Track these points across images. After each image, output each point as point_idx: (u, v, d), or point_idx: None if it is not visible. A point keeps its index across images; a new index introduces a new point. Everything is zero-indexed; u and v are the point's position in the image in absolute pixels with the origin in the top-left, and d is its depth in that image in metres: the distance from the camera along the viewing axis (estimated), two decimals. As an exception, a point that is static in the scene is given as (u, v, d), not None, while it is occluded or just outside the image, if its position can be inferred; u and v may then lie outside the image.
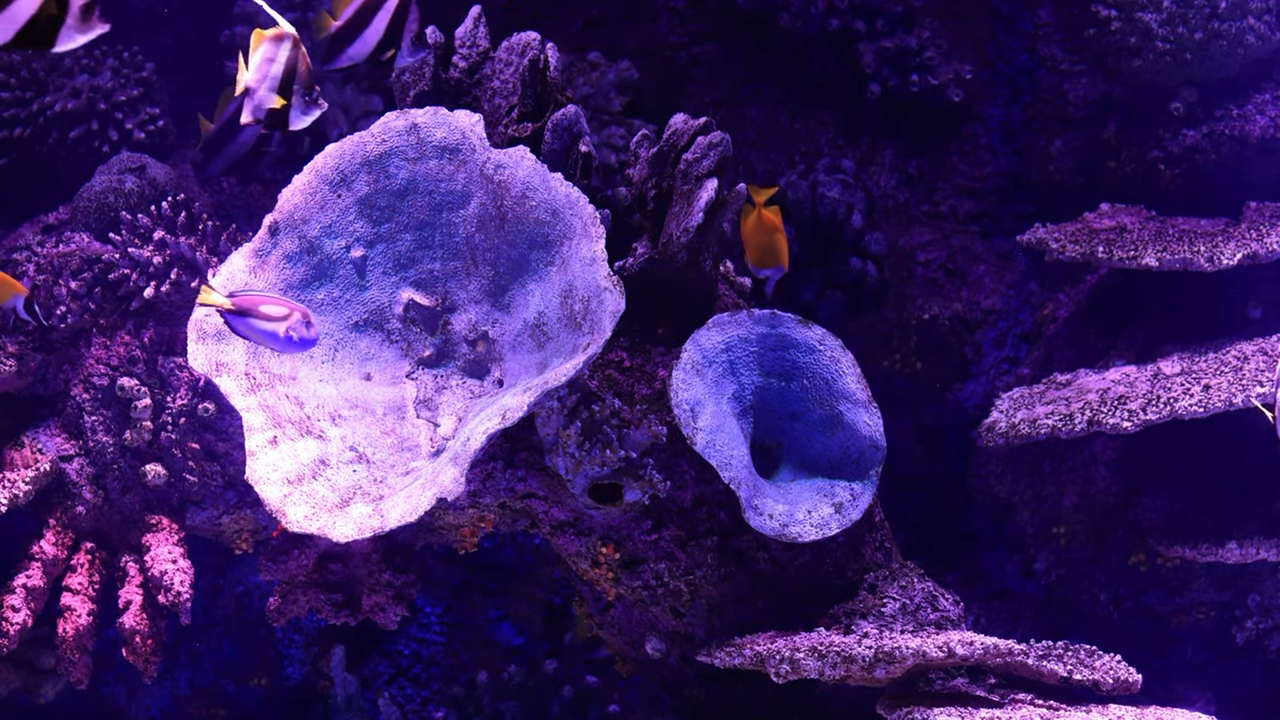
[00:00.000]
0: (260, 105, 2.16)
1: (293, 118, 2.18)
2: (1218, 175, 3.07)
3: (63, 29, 1.89)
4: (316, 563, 2.61)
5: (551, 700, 2.74)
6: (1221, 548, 2.74)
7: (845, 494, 2.48)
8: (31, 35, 1.88)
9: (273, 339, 2.26)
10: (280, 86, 2.17)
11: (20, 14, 1.87)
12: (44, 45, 1.90)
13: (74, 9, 1.88)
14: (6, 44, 1.89)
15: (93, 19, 1.89)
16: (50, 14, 1.87)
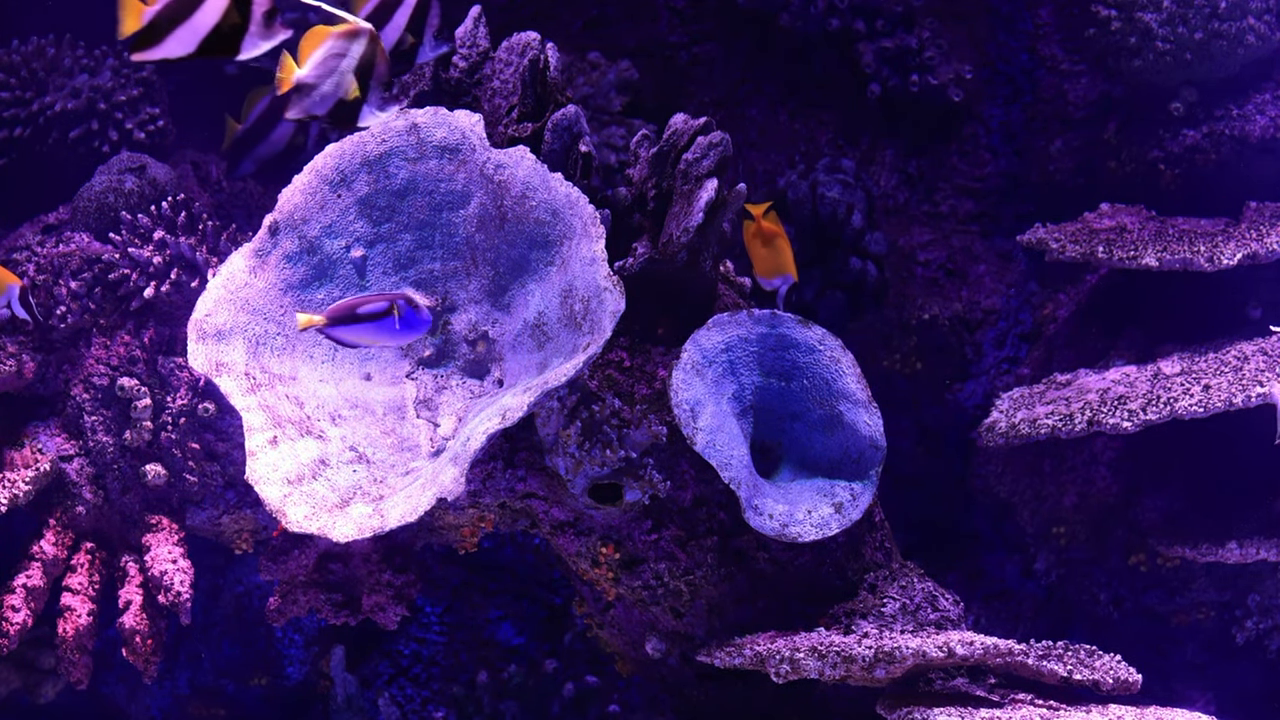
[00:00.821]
0: (323, 100, 2.08)
1: (364, 113, 2.10)
2: (1218, 175, 3.07)
3: (246, 37, 1.88)
4: (316, 563, 2.61)
5: (551, 700, 2.74)
6: (1221, 548, 2.74)
7: (845, 494, 2.48)
8: (215, 43, 1.87)
9: (387, 333, 2.21)
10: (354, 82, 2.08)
11: (204, 23, 1.87)
12: (229, 53, 1.89)
13: (257, 16, 1.87)
14: (192, 54, 1.88)
15: (275, 25, 1.88)
16: (233, 22, 1.87)
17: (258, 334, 2.45)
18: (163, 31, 1.88)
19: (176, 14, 1.88)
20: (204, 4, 1.87)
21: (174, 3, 1.87)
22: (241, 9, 1.88)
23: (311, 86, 2.07)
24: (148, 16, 1.88)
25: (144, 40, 1.88)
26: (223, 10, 1.87)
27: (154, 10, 1.88)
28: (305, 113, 2.08)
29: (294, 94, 2.07)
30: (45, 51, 2.98)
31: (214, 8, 1.87)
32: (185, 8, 1.88)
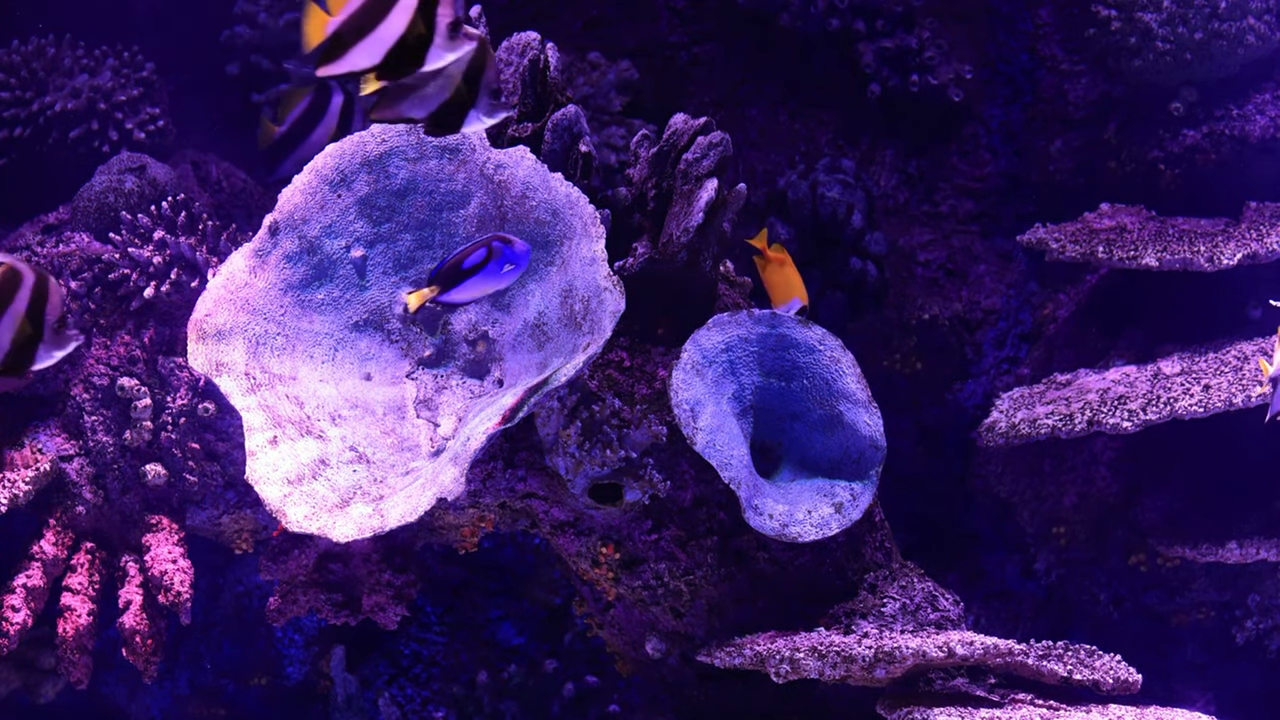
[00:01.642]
0: (424, 102, 1.99)
1: (471, 118, 2.02)
2: (1218, 175, 3.07)
3: (431, 48, 1.86)
4: (316, 563, 2.61)
5: (551, 700, 2.74)
6: (1221, 548, 2.74)
7: (845, 494, 2.48)
8: (401, 55, 1.85)
9: (495, 278, 2.15)
10: (461, 85, 1.99)
11: (390, 34, 1.84)
12: (413, 65, 1.85)
13: (441, 27, 1.85)
14: (376, 66, 1.85)
15: (460, 36, 1.86)
16: (419, 33, 1.85)
17: (258, 334, 2.45)
18: (348, 44, 1.85)
19: (361, 26, 1.84)
20: (389, 16, 1.84)
21: (358, 14, 1.84)
22: (426, 19, 1.85)
23: (410, 88, 2.00)
24: (332, 28, 1.84)
25: (329, 53, 1.85)
26: (408, 21, 1.84)
27: (338, 21, 1.84)
28: (400, 116, 2.02)
29: (387, 93, 1.99)
30: (45, 51, 2.98)
31: (399, 19, 1.84)
32: (370, 19, 1.84)
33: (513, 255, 2.15)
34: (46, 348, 1.95)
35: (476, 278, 2.16)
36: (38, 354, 1.95)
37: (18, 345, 1.94)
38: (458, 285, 2.16)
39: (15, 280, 1.93)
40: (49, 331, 1.95)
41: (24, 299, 1.93)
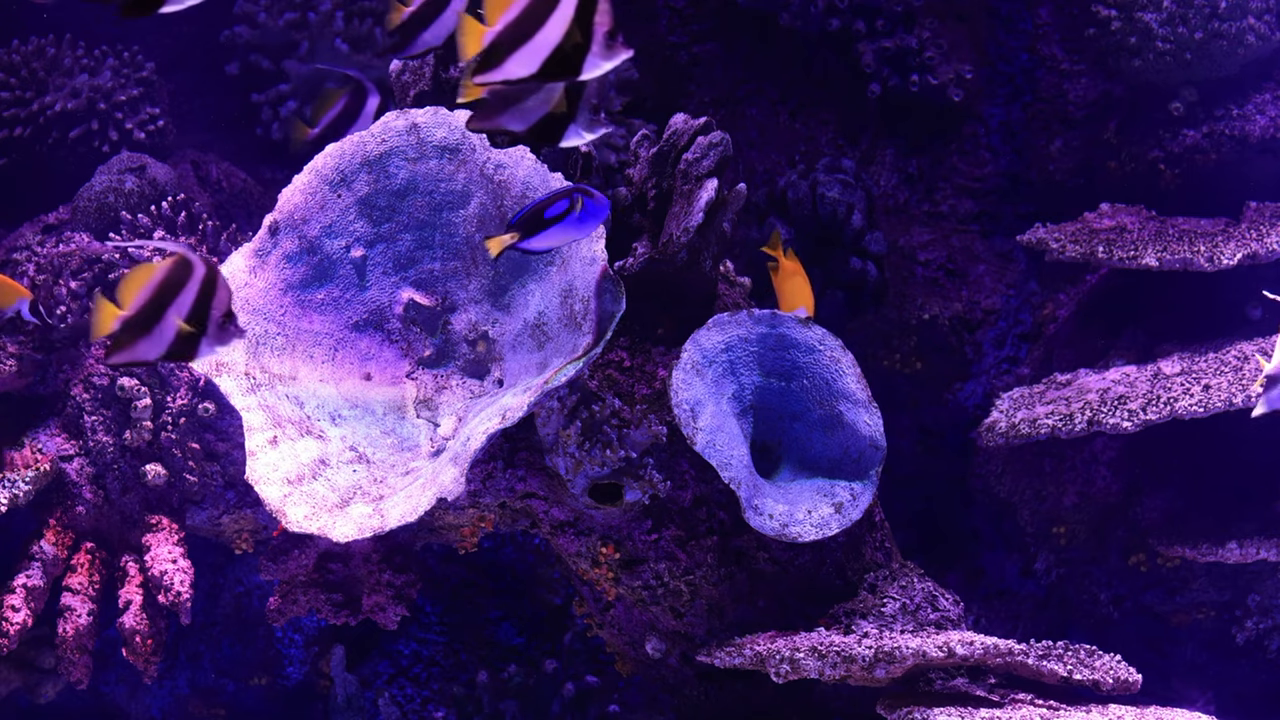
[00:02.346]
0: (524, 114, 1.97)
1: (570, 132, 2.01)
2: (1218, 175, 3.07)
3: (588, 57, 1.85)
4: (316, 563, 2.61)
5: (551, 700, 2.74)
6: (1221, 548, 2.74)
7: (845, 494, 2.48)
8: (557, 64, 1.83)
9: (575, 227, 2.13)
10: (562, 100, 1.99)
11: (546, 43, 1.83)
12: (570, 74, 1.84)
13: (599, 36, 1.84)
14: (534, 75, 1.84)
15: (617, 44, 1.85)
16: (576, 42, 1.84)
17: (258, 334, 2.45)
18: (504, 53, 1.83)
19: (518, 35, 1.83)
20: (546, 25, 1.82)
21: (515, 24, 1.83)
22: (583, 28, 1.83)
23: (510, 100, 1.99)
24: (488, 38, 1.83)
25: (485, 62, 1.84)
26: (565, 30, 1.82)
27: (494, 32, 1.83)
28: (498, 127, 2.00)
29: (485, 104, 1.99)
30: (45, 51, 2.98)
31: (556, 28, 1.82)
32: (527, 28, 1.83)
33: (593, 207, 2.13)
34: (209, 342, 1.94)
35: (557, 227, 2.14)
36: (200, 347, 1.94)
37: (182, 338, 1.92)
38: (539, 233, 2.14)
39: (186, 272, 1.91)
40: (213, 326, 1.93)
41: (192, 291, 1.91)
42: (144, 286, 1.91)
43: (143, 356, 1.94)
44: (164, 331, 1.92)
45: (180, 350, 1.93)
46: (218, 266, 1.96)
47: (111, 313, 1.91)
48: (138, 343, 1.92)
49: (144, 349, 1.93)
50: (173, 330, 1.92)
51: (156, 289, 1.91)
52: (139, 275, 1.91)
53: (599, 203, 2.13)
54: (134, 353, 1.93)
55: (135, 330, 1.91)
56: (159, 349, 1.93)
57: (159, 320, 1.91)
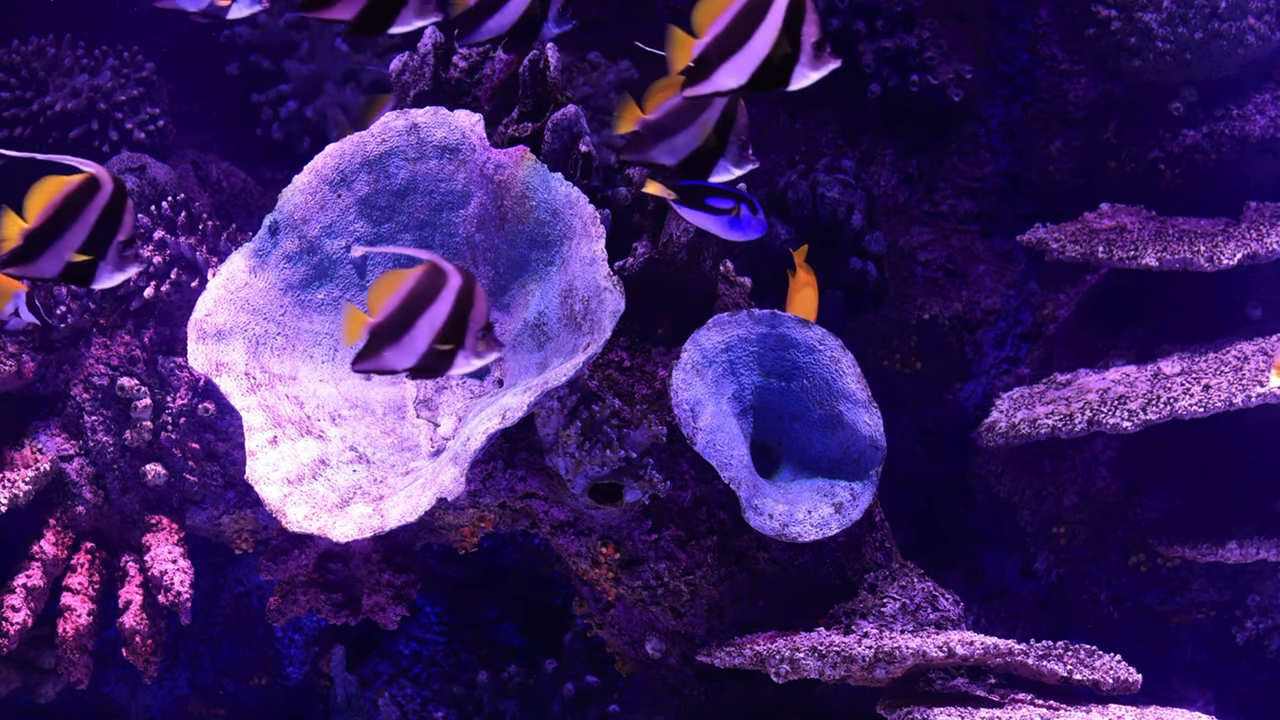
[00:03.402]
0: (673, 150, 1.99)
1: (719, 167, 2.02)
2: (1218, 175, 3.07)
3: (797, 67, 1.85)
4: (316, 562, 2.61)
5: (551, 700, 2.74)
6: (1221, 548, 2.74)
7: (845, 494, 2.48)
8: (766, 74, 1.83)
9: (722, 228, 2.17)
10: (712, 135, 2.00)
11: (756, 53, 1.83)
12: (779, 85, 1.84)
13: (807, 47, 1.84)
14: (742, 86, 1.84)
15: (825, 56, 1.85)
16: (785, 52, 1.83)
17: (258, 334, 2.45)
18: (713, 65, 1.84)
19: (727, 47, 1.83)
20: (754, 36, 1.82)
21: (723, 36, 1.83)
22: (792, 39, 1.83)
23: (661, 134, 2.00)
24: (698, 50, 1.83)
25: (696, 74, 1.84)
26: (774, 40, 1.82)
27: (703, 44, 1.83)
28: (647, 159, 2.01)
29: (638, 138, 1.99)
30: (45, 51, 2.98)
31: (765, 38, 1.82)
32: (736, 40, 1.83)
33: (749, 222, 2.18)
34: (465, 355, 1.91)
35: (709, 215, 2.18)
36: (456, 360, 1.90)
37: (436, 352, 1.89)
38: (692, 209, 2.17)
39: (439, 282, 1.88)
40: (471, 339, 1.90)
41: (448, 301, 1.88)
42: (395, 293, 1.88)
43: (391, 366, 1.90)
44: (415, 343, 1.89)
45: (435, 363, 1.90)
46: (473, 276, 1.90)
47: (360, 320, 1.88)
48: (385, 351, 1.89)
49: (393, 358, 1.89)
50: (424, 342, 1.88)
51: (408, 298, 1.88)
52: (390, 281, 1.88)
53: (755, 223, 2.18)
54: (381, 362, 1.90)
55: (384, 339, 1.88)
56: (410, 359, 1.90)
57: (409, 330, 1.88)
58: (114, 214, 1.90)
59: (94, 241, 1.90)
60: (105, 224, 1.90)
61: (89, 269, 1.92)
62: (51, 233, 1.89)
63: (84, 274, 1.92)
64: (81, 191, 1.88)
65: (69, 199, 1.88)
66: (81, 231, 1.89)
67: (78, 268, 1.91)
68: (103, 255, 1.92)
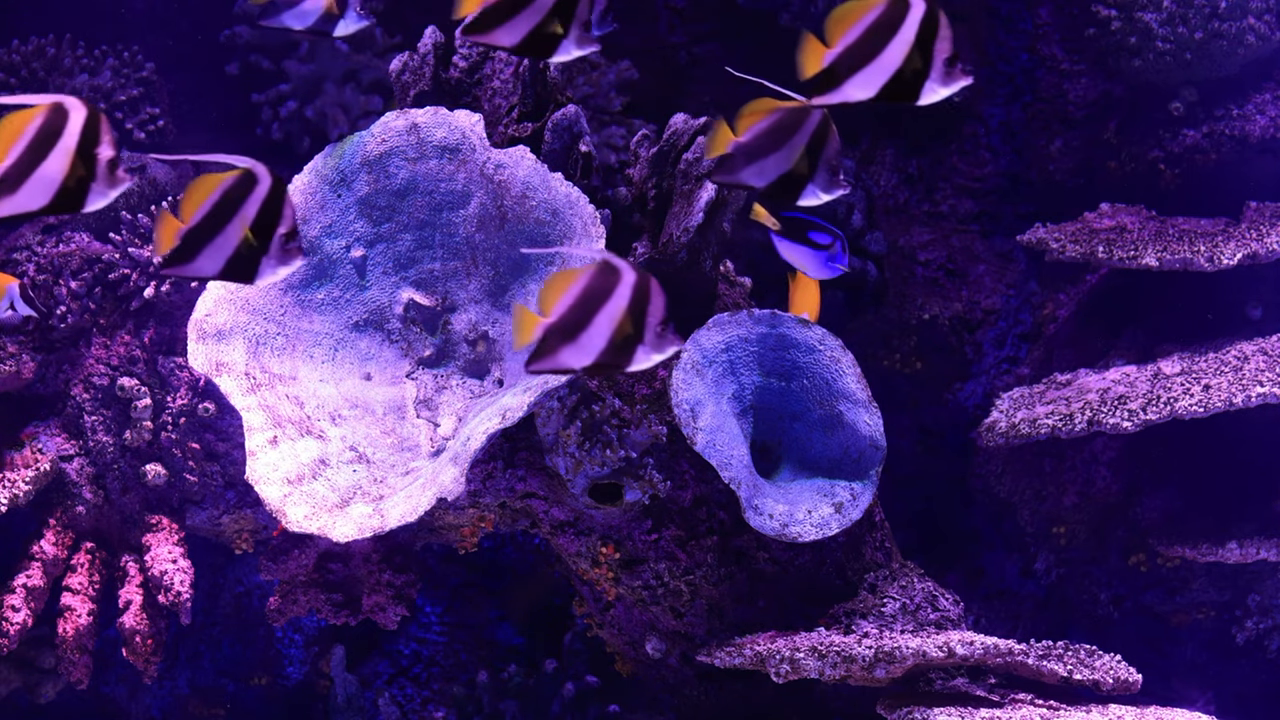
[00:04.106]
0: (763, 172, 1.99)
1: (808, 191, 2.01)
2: (1218, 175, 3.07)
3: (927, 83, 1.85)
4: (316, 562, 2.61)
5: (551, 700, 2.74)
6: (1221, 548, 2.74)
7: (845, 494, 2.48)
8: (897, 88, 1.83)
9: (814, 263, 2.23)
10: (802, 159, 1.99)
11: (887, 67, 1.83)
12: (908, 99, 1.84)
13: (938, 63, 1.83)
14: (873, 98, 1.83)
15: (956, 72, 1.85)
16: (915, 68, 1.83)
17: (258, 334, 2.45)
18: (842, 76, 1.84)
19: (858, 58, 1.83)
20: (887, 49, 1.82)
21: (855, 46, 1.83)
22: (923, 54, 1.83)
23: (752, 156, 2.00)
24: (829, 59, 1.83)
25: (824, 84, 1.84)
26: (906, 55, 1.82)
27: (834, 54, 1.83)
28: (737, 181, 2.01)
29: (728, 160, 1.99)
30: (45, 51, 2.98)
31: (898, 52, 1.82)
32: (868, 51, 1.83)
33: (840, 260, 2.24)
34: (645, 349, 1.87)
35: (808, 250, 2.25)
36: (635, 355, 1.87)
37: (615, 348, 1.85)
38: (791, 241, 2.24)
39: (614, 277, 1.85)
40: (650, 333, 1.86)
41: (624, 297, 1.85)
42: (569, 291, 1.85)
43: (567, 365, 1.87)
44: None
45: (616, 356, 1.86)
46: (647, 274, 1.88)
47: (532, 320, 1.85)
48: (561, 350, 1.86)
49: (569, 357, 1.86)
50: (605, 336, 1.85)
51: (584, 295, 1.85)
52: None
53: (843, 259, 2.23)
54: (558, 361, 1.87)
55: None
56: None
57: (586, 328, 1.85)
58: (274, 207, 1.87)
59: (255, 236, 1.86)
60: (265, 217, 1.86)
61: (252, 264, 1.88)
62: (209, 231, 1.86)
63: (247, 270, 1.88)
64: (238, 187, 1.85)
65: (226, 195, 1.85)
66: (240, 227, 1.86)
67: (240, 264, 1.87)
68: (265, 250, 1.88)
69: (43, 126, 1.79)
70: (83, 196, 1.83)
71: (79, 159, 1.80)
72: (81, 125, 1.80)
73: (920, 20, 1.83)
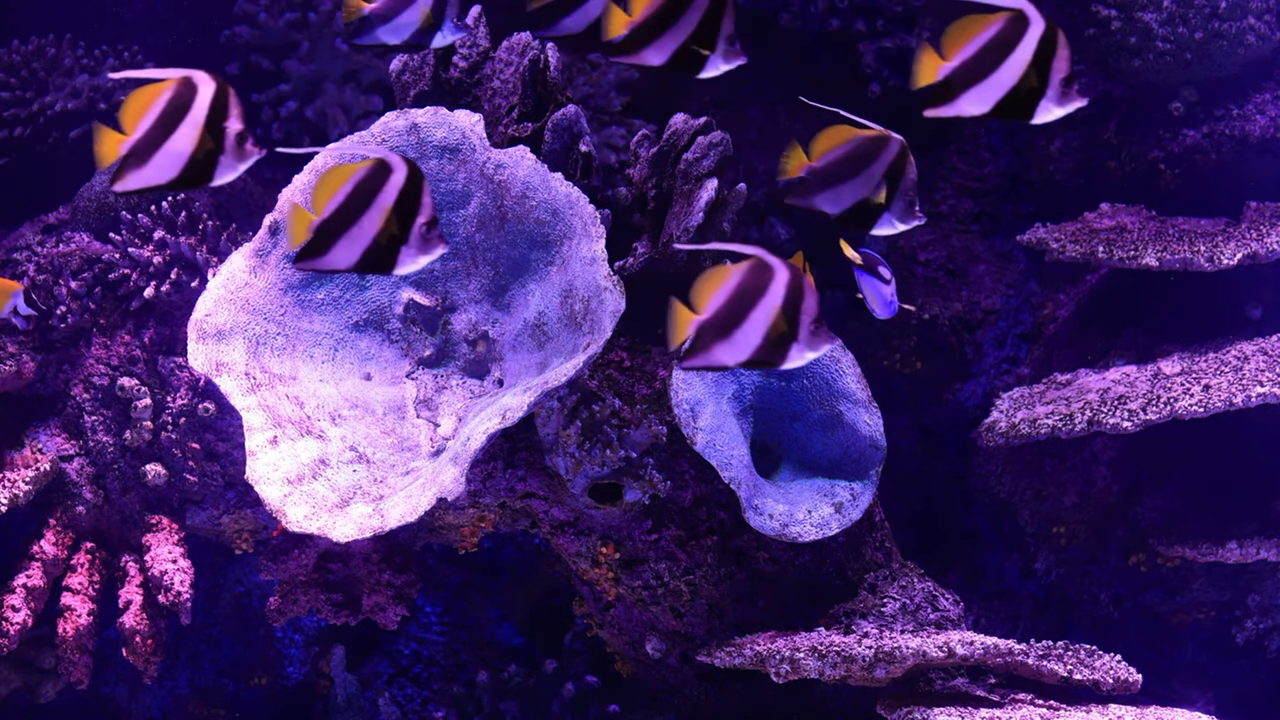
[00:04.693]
0: (837, 198, 1.98)
1: (883, 221, 2.00)
2: (1218, 175, 3.07)
3: (1042, 101, 1.84)
4: (316, 562, 2.61)
5: (551, 700, 2.74)
6: (1221, 548, 2.74)
7: (845, 494, 2.48)
8: (1010, 105, 1.83)
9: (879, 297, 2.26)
10: (879, 188, 1.99)
11: (1003, 84, 1.83)
12: (1022, 117, 1.83)
13: (1055, 82, 1.83)
14: (987, 113, 1.82)
15: (1071, 93, 1.84)
16: (1031, 86, 1.83)
17: (258, 334, 2.45)
18: (958, 90, 1.83)
19: (974, 73, 1.83)
20: (1003, 65, 1.82)
21: (972, 61, 1.82)
22: (1040, 72, 1.83)
23: (828, 182, 1.99)
24: (944, 72, 1.83)
25: (940, 96, 1.83)
26: (1022, 72, 1.82)
27: (951, 66, 1.82)
28: (811, 206, 2.00)
29: (804, 183, 1.99)
30: (45, 51, 2.98)
31: (1014, 69, 1.81)
32: (984, 67, 1.82)
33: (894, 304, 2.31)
34: (799, 347, 1.86)
35: (876, 283, 2.29)
36: (790, 353, 1.86)
37: (769, 346, 1.84)
38: (868, 275, 2.28)
39: (768, 274, 1.85)
40: (804, 331, 1.85)
41: (779, 294, 1.85)
42: (723, 288, 1.86)
43: (721, 361, 1.86)
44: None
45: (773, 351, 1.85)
46: (799, 269, 1.87)
47: (686, 317, 1.85)
48: (715, 347, 1.85)
49: (723, 354, 1.86)
50: (760, 334, 1.85)
51: (738, 292, 1.86)
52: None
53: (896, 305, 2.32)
54: (711, 358, 1.86)
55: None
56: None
57: (741, 325, 1.85)
58: (412, 196, 1.85)
59: (392, 227, 1.84)
60: (403, 208, 1.84)
61: (391, 254, 1.85)
62: (343, 222, 1.84)
63: (386, 260, 1.86)
64: (372, 178, 1.83)
65: (359, 186, 1.83)
66: (378, 217, 1.83)
67: (378, 254, 1.84)
68: (404, 240, 1.85)
69: (171, 100, 1.79)
70: (211, 169, 1.82)
71: (208, 132, 1.80)
72: (210, 99, 1.80)
73: (1039, 38, 1.82)
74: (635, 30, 1.92)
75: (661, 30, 1.91)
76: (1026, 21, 1.83)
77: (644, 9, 1.89)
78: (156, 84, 1.81)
